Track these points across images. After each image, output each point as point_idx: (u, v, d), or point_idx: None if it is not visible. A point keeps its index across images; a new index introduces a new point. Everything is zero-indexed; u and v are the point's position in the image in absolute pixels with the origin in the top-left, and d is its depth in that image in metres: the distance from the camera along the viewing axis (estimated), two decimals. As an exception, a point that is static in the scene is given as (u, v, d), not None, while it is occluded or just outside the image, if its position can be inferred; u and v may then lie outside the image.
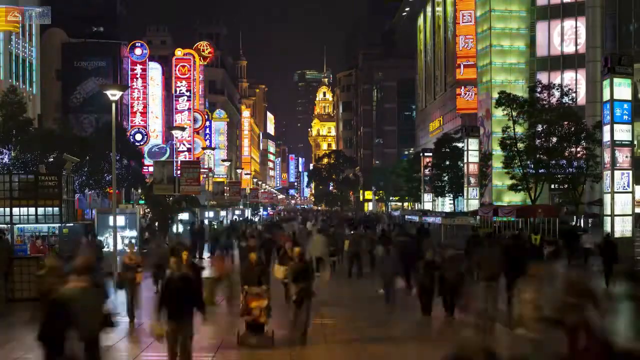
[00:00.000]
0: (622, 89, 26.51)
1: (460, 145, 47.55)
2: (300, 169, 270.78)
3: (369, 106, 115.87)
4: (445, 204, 56.14)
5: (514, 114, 40.10)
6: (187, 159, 64.71)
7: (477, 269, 15.02)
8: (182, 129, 50.23)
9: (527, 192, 39.68)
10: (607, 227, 26.96)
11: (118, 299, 15.31)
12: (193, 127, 74.93)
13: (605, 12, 48.20)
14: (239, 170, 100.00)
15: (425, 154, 54.39)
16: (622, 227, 26.61)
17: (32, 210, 19.70)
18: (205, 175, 61.18)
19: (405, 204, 74.31)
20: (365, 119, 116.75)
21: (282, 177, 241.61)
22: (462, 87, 60.39)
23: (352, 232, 28.64)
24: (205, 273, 16.33)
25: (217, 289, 15.60)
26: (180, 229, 34.15)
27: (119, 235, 21.75)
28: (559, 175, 40.00)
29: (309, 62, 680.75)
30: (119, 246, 20.55)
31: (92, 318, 8.58)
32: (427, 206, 53.42)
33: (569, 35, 52.33)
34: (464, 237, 26.20)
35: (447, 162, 49.09)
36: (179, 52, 76.37)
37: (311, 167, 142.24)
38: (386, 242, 21.22)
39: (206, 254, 31.68)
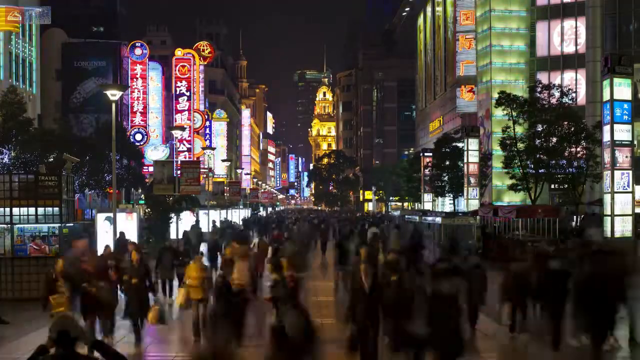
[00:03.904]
0: (622, 89, 26.47)
1: (460, 145, 47.54)
2: (300, 169, 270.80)
3: (369, 106, 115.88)
4: (445, 204, 56.11)
5: (514, 114, 40.11)
6: (187, 159, 64.73)
7: None
8: (182, 129, 50.22)
9: (527, 192, 39.68)
10: (607, 227, 26.96)
11: None
12: (193, 127, 74.93)
13: (605, 12, 48.21)
14: (239, 170, 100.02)
15: (425, 154, 54.36)
16: (622, 227, 26.58)
17: (32, 210, 19.69)
18: (205, 175, 61.15)
19: (405, 204, 74.27)
20: (365, 119, 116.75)
21: (282, 177, 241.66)
22: (463, 87, 60.42)
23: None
24: None
25: None
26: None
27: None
28: (559, 175, 40.00)
29: (309, 62, 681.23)
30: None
31: None
32: (427, 206, 53.39)
33: (569, 35, 52.35)
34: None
35: (447, 162, 49.05)
36: (179, 52, 76.38)
37: (311, 167, 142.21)
38: None
39: None
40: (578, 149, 38.46)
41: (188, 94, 75.03)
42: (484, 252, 30.97)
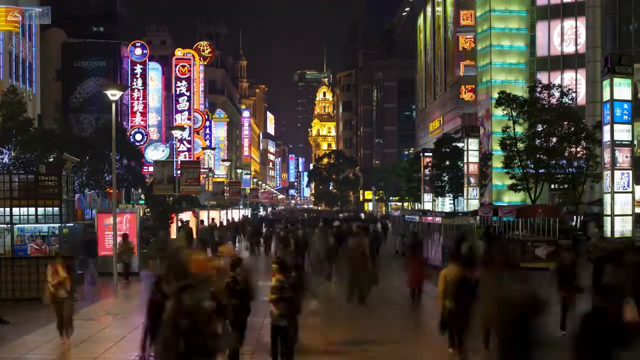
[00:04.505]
0: (622, 89, 26.47)
1: (460, 145, 47.55)
2: (300, 169, 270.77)
3: (369, 106, 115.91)
4: (445, 204, 56.11)
5: (514, 113, 40.15)
6: (187, 159, 64.72)
7: None
8: (182, 129, 50.27)
9: (527, 192, 39.70)
10: (607, 227, 26.96)
11: None
12: (193, 127, 74.93)
13: (605, 12, 48.26)
14: (239, 170, 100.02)
15: (425, 154, 54.34)
16: (622, 227, 26.57)
17: (32, 210, 19.68)
18: (205, 175, 61.12)
19: (405, 204, 74.26)
20: (365, 119, 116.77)
21: (282, 177, 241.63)
22: (463, 87, 60.47)
23: None
24: None
25: None
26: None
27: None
28: (559, 175, 40.02)
29: (309, 62, 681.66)
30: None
31: None
32: (427, 206, 53.34)
33: (569, 35, 52.38)
34: None
35: (447, 162, 49.06)
36: (179, 52, 76.39)
37: (311, 167, 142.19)
38: None
39: None
40: (578, 149, 38.49)
41: (188, 94, 75.04)
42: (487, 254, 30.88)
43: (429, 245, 28.87)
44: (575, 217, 39.57)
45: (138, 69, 67.71)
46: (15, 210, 19.57)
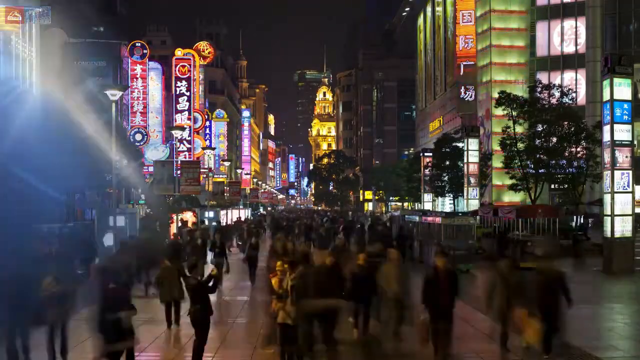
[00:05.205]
0: (622, 89, 26.43)
1: (460, 145, 47.56)
2: (300, 169, 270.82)
3: (369, 106, 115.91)
4: (445, 204, 56.12)
5: (514, 113, 40.17)
6: (187, 159, 64.72)
7: None
8: (182, 129, 50.29)
9: (527, 192, 39.72)
10: (607, 227, 26.96)
11: None
12: (193, 127, 74.93)
13: (605, 12, 48.30)
14: (239, 170, 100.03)
15: (425, 154, 54.33)
16: (622, 227, 26.55)
17: (32, 210, 19.70)
18: (205, 175, 61.11)
19: (405, 204, 74.26)
20: (365, 119, 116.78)
21: (282, 177, 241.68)
22: (462, 87, 60.44)
23: None
24: None
25: None
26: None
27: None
28: (559, 175, 40.04)
29: (309, 62, 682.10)
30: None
31: None
32: (427, 206, 53.34)
33: (569, 35, 52.41)
34: None
35: (447, 162, 49.06)
36: (179, 52, 76.39)
37: (311, 167, 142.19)
38: None
39: None
40: (578, 149, 38.51)
41: (188, 94, 75.03)
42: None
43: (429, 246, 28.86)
44: (575, 217, 39.60)
45: (138, 69, 67.71)
46: (15, 210, 19.58)
